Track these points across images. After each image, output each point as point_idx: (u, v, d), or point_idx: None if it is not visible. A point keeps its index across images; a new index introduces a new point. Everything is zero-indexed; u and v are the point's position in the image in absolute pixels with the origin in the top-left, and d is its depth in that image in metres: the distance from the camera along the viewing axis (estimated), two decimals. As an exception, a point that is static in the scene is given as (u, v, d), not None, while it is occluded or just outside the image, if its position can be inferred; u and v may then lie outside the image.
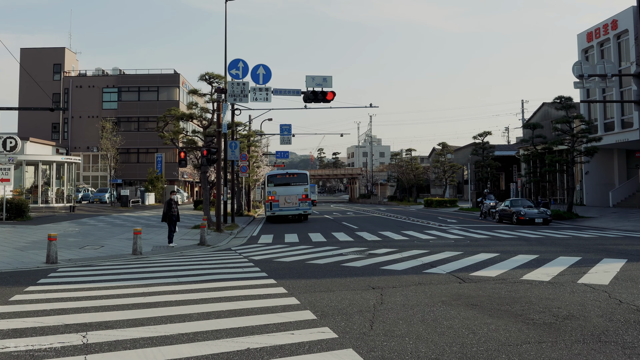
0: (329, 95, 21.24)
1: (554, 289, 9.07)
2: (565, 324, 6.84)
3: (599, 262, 12.19)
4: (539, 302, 8.06)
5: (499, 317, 7.20)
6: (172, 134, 27.91)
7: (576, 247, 15.63)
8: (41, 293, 9.23)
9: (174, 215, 17.59)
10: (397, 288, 9.36)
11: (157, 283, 10.17)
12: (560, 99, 32.14)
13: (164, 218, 17.71)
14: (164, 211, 17.80)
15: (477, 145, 46.73)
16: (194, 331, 6.61)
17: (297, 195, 30.99)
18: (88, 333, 6.57)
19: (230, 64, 21.34)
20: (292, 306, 7.97)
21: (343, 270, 11.53)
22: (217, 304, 8.14)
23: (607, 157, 39.24)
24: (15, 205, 25.51)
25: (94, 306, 8.08)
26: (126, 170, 57.67)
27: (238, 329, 6.68)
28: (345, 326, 6.80)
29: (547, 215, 26.24)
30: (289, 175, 32.23)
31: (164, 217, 17.74)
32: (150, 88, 60.33)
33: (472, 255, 13.87)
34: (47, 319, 7.31)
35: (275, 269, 11.94)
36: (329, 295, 8.79)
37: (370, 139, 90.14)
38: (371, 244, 17.59)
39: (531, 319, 7.11)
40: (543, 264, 12.12)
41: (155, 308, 7.93)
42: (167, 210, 17.59)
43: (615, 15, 35.20)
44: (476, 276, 10.55)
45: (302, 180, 32.09)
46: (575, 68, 24.47)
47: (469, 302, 8.18)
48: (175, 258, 14.61)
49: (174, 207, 17.70)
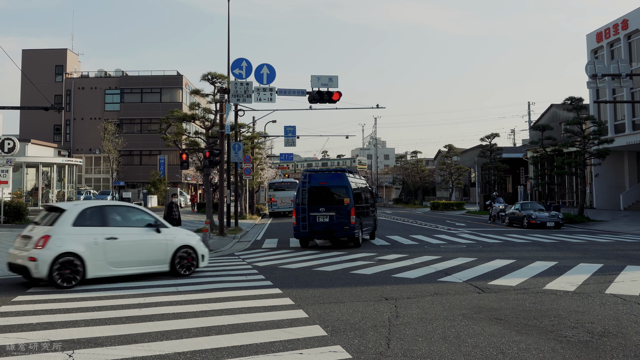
0: (335, 95, 20.56)
1: (581, 301, 8.40)
2: (603, 342, 6.18)
3: (624, 270, 11.52)
4: (569, 316, 7.39)
5: (528, 334, 6.53)
6: (175, 136, 27.31)
7: (595, 252, 14.94)
8: (29, 304, 8.60)
9: (175, 219, 16.97)
10: (412, 299, 8.70)
11: (154, 293, 9.53)
12: (570, 100, 31.41)
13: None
14: (164, 215, 17.20)
15: (485, 147, 45.97)
16: (191, 350, 5.98)
17: (290, 197, 38.68)
18: (75, 352, 5.94)
19: (233, 63, 20.72)
20: (300, 320, 7.32)
21: (353, 279, 10.88)
22: (218, 317, 7.50)
23: (618, 160, 38.42)
24: (13, 208, 24.92)
25: (84, 319, 7.45)
26: (128, 172, 57.09)
27: (241, 348, 6.04)
28: (359, 344, 6.15)
29: (559, 219, 25.54)
30: (284, 183, 44.63)
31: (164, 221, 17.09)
32: (153, 90, 59.79)
33: (487, 261, 13.19)
34: (32, 334, 6.67)
35: (281, 276, 11.30)
36: (339, 307, 8.14)
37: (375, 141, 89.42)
38: (380, 249, 16.92)
39: (564, 335, 6.44)
40: (564, 271, 11.44)
41: (150, 322, 7.29)
42: (167, 213, 16.98)
43: (625, 15, 34.48)
44: (495, 285, 9.88)
45: (294, 187, 39.40)
46: (589, 67, 23.79)
47: (492, 315, 7.52)
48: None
49: (175, 211, 17.09)
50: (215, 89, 24.92)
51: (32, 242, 10.12)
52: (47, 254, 9.83)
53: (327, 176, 18.68)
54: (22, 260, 10.11)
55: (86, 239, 10.36)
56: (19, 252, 10.40)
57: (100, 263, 10.42)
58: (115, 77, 61.23)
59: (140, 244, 11.15)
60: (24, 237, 10.61)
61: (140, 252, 11.09)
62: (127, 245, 10.88)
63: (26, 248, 10.20)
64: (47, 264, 9.79)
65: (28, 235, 10.49)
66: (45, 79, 57.98)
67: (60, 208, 10.82)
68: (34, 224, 10.98)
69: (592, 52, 38.00)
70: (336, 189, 18.03)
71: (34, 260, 9.81)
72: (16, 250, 10.56)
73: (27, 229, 10.95)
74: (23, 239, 10.57)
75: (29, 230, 10.73)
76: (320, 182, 18.21)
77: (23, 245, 10.41)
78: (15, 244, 10.77)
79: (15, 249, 10.70)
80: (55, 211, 10.84)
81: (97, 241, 10.46)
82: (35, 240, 10.07)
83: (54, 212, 10.86)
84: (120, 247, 10.76)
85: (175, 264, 11.42)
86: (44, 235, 10.07)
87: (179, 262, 11.48)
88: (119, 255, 10.71)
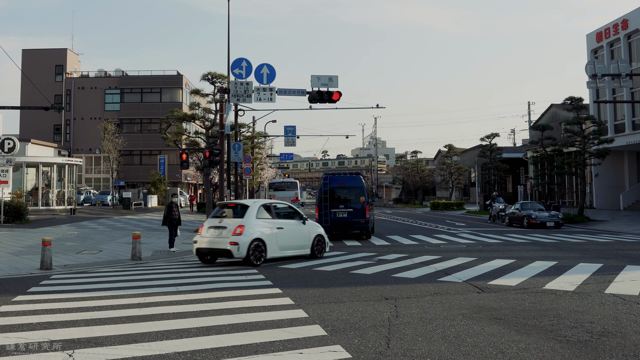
0: (335, 95, 20.54)
1: (581, 300, 8.41)
2: (602, 341, 6.19)
3: (623, 270, 11.53)
4: (569, 316, 7.40)
5: (528, 334, 6.54)
6: (175, 136, 27.32)
7: (594, 252, 14.95)
8: (30, 303, 8.60)
9: (175, 219, 16.99)
10: (412, 299, 8.71)
11: (154, 292, 9.53)
12: (570, 100, 31.42)
13: (165, 222, 17.12)
14: (164, 214, 17.21)
15: (485, 147, 45.99)
16: (192, 349, 5.98)
17: (289, 197, 40.28)
18: (75, 351, 5.94)
19: (233, 63, 20.70)
20: (300, 320, 7.33)
21: (353, 279, 10.88)
22: (218, 317, 7.50)
23: (617, 160, 38.42)
24: (13, 208, 24.94)
25: (84, 319, 7.45)
26: (128, 172, 57.06)
27: (241, 347, 6.04)
28: (359, 344, 6.15)
29: (558, 219, 25.55)
30: (284, 183, 45.20)
31: (164, 221, 17.15)
32: (153, 89, 59.76)
33: (487, 261, 13.20)
34: (32, 334, 6.68)
35: (280, 276, 11.30)
36: (339, 307, 8.15)
37: (375, 141, 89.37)
38: (380, 248, 16.93)
39: (563, 335, 6.45)
40: (564, 271, 11.45)
41: (150, 322, 7.29)
42: (167, 213, 17.00)
43: (625, 15, 34.48)
44: (495, 285, 9.88)
45: (294, 187, 44.21)
46: (589, 67, 23.80)
47: (491, 315, 7.53)
48: (175, 264, 13.98)
49: (175, 211, 17.10)
50: (215, 88, 24.93)
51: (229, 230, 12.76)
52: (245, 240, 12.57)
53: (345, 178, 21.18)
54: (223, 245, 12.69)
55: (265, 228, 13.23)
56: (214, 239, 12.97)
57: (274, 247, 13.27)
58: (115, 77, 61.21)
59: (295, 233, 14.04)
60: (215, 227, 13.16)
61: (296, 239, 14.02)
62: (289, 233, 13.82)
63: (223, 236, 12.81)
64: (245, 247, 12.53)
65: (221, 226, 13.08)
66: (46, 78, 57.96)
67: (244, 204, 13.66)
68: (222, 218, 13.64)
69: (592, 52, 37.99)
70: (353, 189, 20.67)
71: (235, 245, 12.47)
72: (208, 239, 13.07)
73: (212, 221, 13.51)
74: (215, 229, 13.12)
75: (218, 222, 13.33)
76: (339, 183, 20.89)
77: (217, 234, 13.00)
78: (206, 234, 13.25)
79: (203, 237, 13.22)
80: (238, 207, 13.73)
81: (272, 230, 13.36)
82: (233, 229, 12.70)
83: (237, 208, 13.74)
84: (285, 235, 13.70)
85: (314, 248, 14.35)
86: (239, 225, 12.76)
87: (316, 246, 14.43)
88: (284, 241, 13.59)
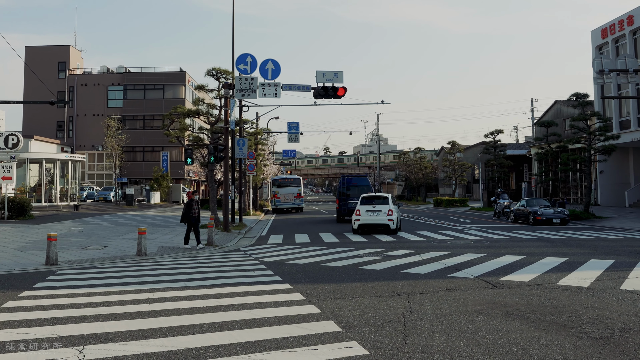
0: (340, 90, 20.39)
1: (597, 297, 8.26)
2: (625, 338, 6.04)
3: (636, 266, 11.37)
4: (587, 312, 7.26)
5: (547, 330, 6.40)
6: (178, 132, 27.16)
7: (604, 249, 14.79)
8: (37, 299, 8.48)
9: (194, 217, 16.81)
10: (425, 294, 8.57)
11: (162, 288, 9.41)
12: (576, 96, 31.22)
13: (183, 219, 16.95)
14: (183, 212, 17.06)
15: (488, 143, 45.81)
16: (204, 345, 5.85)
17: (292, 194, 43.21)
18: (85, 347, 5.82)
19: (238, 58, 20.56)
20: (313, 315, 7.20)
21: (362, 274, 10.74)
22: (230, 313, 7.37)
23: (623, 156, 38.21)
24: (17, 204, 24.81)
25: (93, 314, 7.33)
26: (131, 168, 56.92)
27: (254, 343, 5.91)
28: (375, 340, 6.02)
29: (564, 216, 25.36)
30: (287, 180, 45.19)
31: (183, 218, 16.97)
32: (156, 86, 59.58)
33: (496, 257, 13.05)
34: (41, 329, 6.56)
35: (289, 272, 11.17)
36: (352, 302, 8.01)
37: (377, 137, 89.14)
38: (386, 245, 16.79)
39: (584, 332, 6.31)
40: (575, 267, 11.30)
41: (161, 317, 7.17)
42: (186, 211, 16.84)
43: (631, 11, 34.21)
44: (508, 281, 9.74)
45: (297, 183, 44.72)
46: (596, 63, 23.62)
47: (507, 311, 7.39)
48: (181, 259, 13.87)
49: (195, 208, 16.94)
50: (220, 84, 24.77)
51: (384, 212, 20.32)
52: (394, 218, 20.40)
53: (356, 179, 30.36)
54: (382, 221, 20.27)
55: (396, 212, 20.88)
56: (372, 219, 20.39)
57: (399, 223, 21.56)
58: (118, 74, 61.03)
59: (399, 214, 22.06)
60: (371, 211, 20.48)
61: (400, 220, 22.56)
62: (400, 215, 22.42)
63: (380, 215, 20.33)
64: (395, 223, 20.37)
65: (377, 209, 20.47)
66: (49, 75, 57.78)
67: (384, 196, 21.87)
68: (374, 204, 20.82)
69: (597, 49, 37.75)
70: (363, 187, 29.04)
71: (391, 221, 20.22)
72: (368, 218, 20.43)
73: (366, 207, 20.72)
74: (372, 213, 20.45)
75: (372, 207, 20.57)
76: (352, 183, 29.57)
77: (373, 215, 20.39)
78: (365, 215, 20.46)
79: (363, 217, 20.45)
80: (381, 198, 21.57)
81: (399, 213, 21.74)
82: (386, 211, 20.34)
83: (380, 198, 21.45)
84: (400, 217, 22.29)
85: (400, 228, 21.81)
86: (390, 209, 20.44)
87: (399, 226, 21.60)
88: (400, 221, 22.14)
